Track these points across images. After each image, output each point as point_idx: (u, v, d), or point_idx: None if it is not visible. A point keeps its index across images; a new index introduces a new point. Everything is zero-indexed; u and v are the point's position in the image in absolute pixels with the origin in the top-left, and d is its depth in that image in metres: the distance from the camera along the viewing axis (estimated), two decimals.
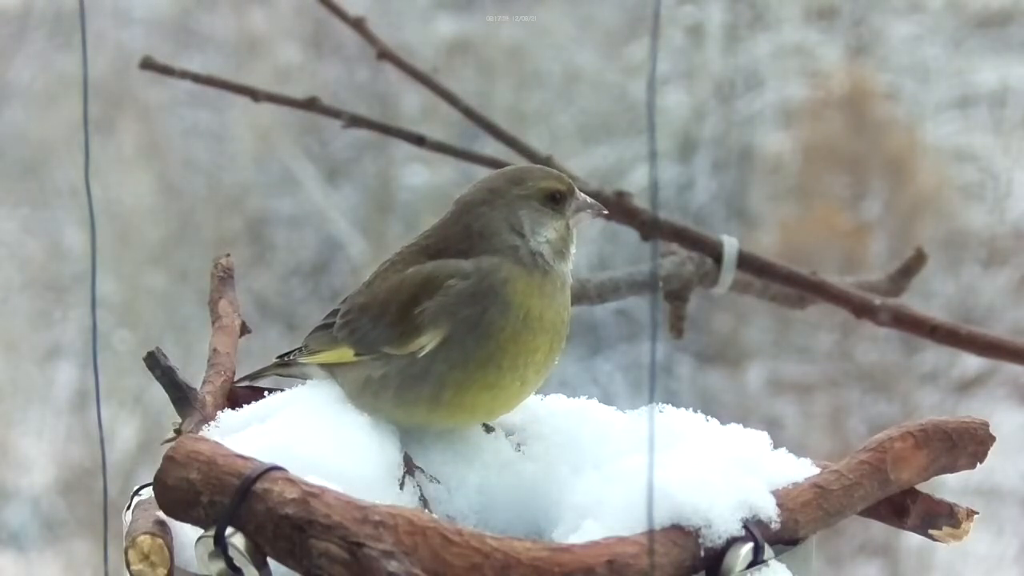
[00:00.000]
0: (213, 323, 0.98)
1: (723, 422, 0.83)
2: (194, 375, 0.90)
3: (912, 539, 2.58)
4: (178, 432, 0.85)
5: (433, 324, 0.83)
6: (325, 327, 0.92)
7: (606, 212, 0.89)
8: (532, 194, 0.86)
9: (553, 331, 0.85)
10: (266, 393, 0.89)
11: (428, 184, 3.22)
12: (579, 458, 0.83)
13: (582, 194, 0.88)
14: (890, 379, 3.01)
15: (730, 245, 1.32)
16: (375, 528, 0.64)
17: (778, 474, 0.76)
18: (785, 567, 0.72)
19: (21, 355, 3.10)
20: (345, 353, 0.88)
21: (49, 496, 2.95)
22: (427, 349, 0.84)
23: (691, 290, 1.33)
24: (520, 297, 0.84)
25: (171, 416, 0.87)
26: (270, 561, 0.66)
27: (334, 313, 0.92)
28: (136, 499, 0.77)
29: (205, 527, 0.67)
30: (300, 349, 0.93)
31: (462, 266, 0.85)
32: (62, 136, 2.98)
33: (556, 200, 0.87)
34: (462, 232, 0.87)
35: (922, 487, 0.82)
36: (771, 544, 0.71)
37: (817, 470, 0.78)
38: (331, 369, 0.90)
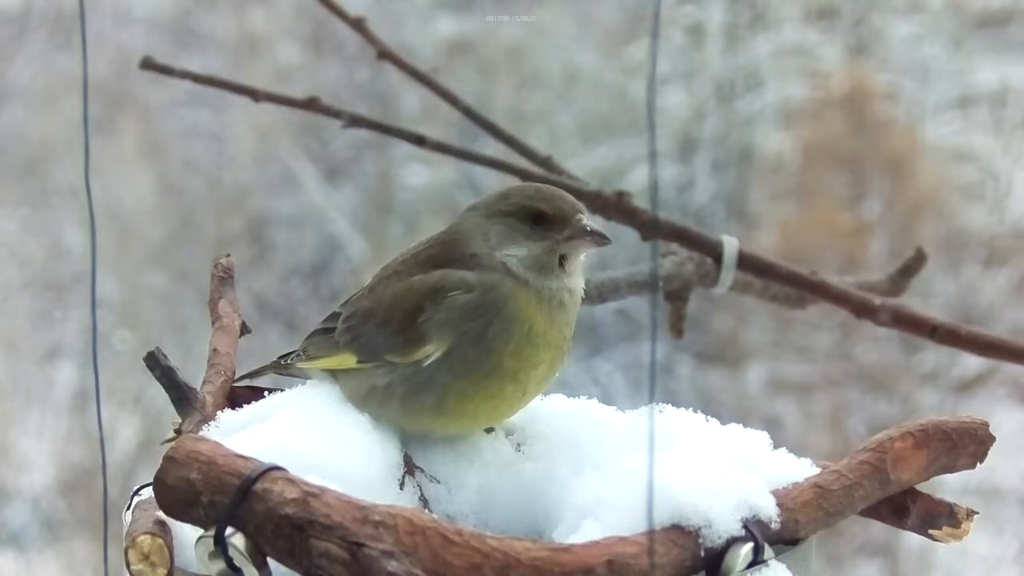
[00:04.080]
0: (213, 323, 0.98)
1: (723, 422, 0.83)
2: (194, 375, 0.90)
3: (912, 539, 2.58)
4: (178, 432, 0.85)
5: (437, 334, 0.84)
6: (325, 331, 0.91)
7: (609, 241, 0.87)
8: (513, 211, 0.86)
9: (556, 346, 0.86)
10: (266, 393, 0.89)
11: (428, 184, 3.22)
12: (579, 458, 0.83)
13: (584, 223, 0.86)
14: (890, 379, 3.01)
15: (730, 245, 1.32)
16: (375, 528, 0.64)
17: (778, 474, 0.76)
18: (785, 567, 0.72)
19: (21, 355, 3.10)
20: (347, 359, 0.88)
21: (49, 496, 2.95)
22: (431, 359, 0.84)
23: (691, 290, 1.33)
24: (523, 313, 0.84)
25: (171, 416, 0.87)
26: (270, 561, 0.66)
27: (333, 317, 0.92)
28: (136, 499, 0.77)
29: (205, 527, 0.67)
30: (298, 353, 0.93)
31: (467, 278, 0.85)
32: (62, 136, 2.98)
33: (538, 221, 0.86)
34: (452, 231, 0.88)
35: (922, 487, 0.82)
36: (771, 544, 0.72)
37: (817, 470, 0.78)
38: (333, 373, 0.90)
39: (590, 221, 0.87)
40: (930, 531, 0.82)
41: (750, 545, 0.70)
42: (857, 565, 2.83)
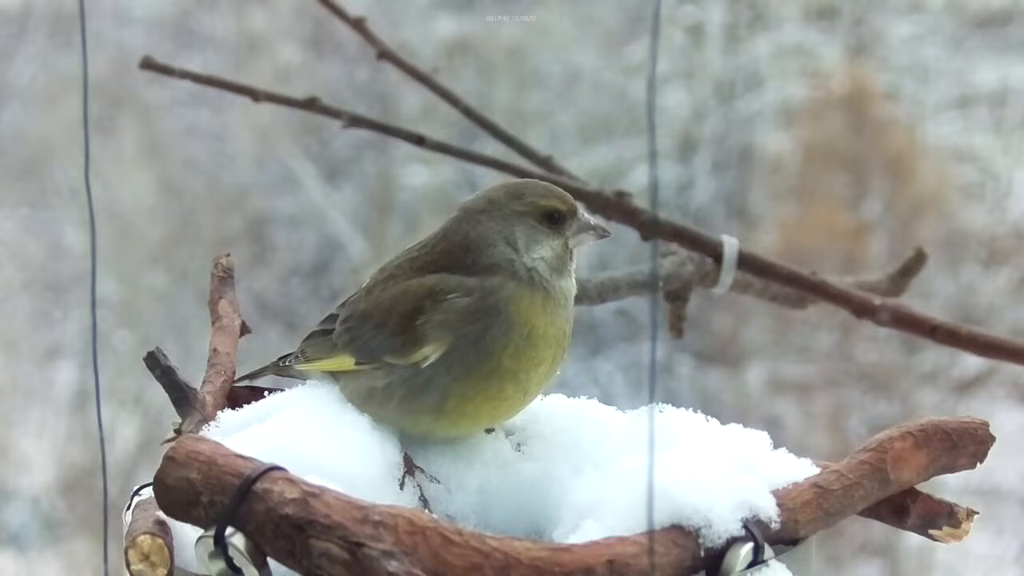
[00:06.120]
0: (213, 323, 0.98)
1: (723, 422, 0.83)
2: (194, 375, 0.90)
3: (912, 539, 2.58)
4: (178, 432, 0.85)
5: (435, 336, 0.84)
6: (323, 333, 0.91)
7: (609, 233, 0.88)
8: (529, 211, 0.86)
9: (556, 345, 0.86)
10: (266, 393, 0.89)
11: (428, 184, 3.22)
12: (579, 458, 0.83)
13: (585, 215, 0.88)
14: (890, 379, 3.01)
15: (730, 245, 1.32)
16: (375, 528, 0.64)
17: (778, 474, 0.76)
18: (785, 567, 0.72)
19: (21, 355, 3.10)
20: (345, 361, 0.88)
21: (49, 496, 2.95)
22: (429, 361, 0.84)
23: (691, 290, 1.33)
24: (524, 316, 0.84)
25: (171, 416, 0.87)
26: (270, 561, 0.66)
27: (331, 319, 0.92)
28: (136, 499, 0.77)
29: (205, 527, 0.67)
30: (296, 355, 0.93)
31: (466, 282, 0.85)
32: (62, 136, 2.98)
33: (554, 219, 0.86)
34: (462, 240, 0.87)
35: (922, 487, 0.82)
36: (771, 544, 0.72)
37: (817, 470, 0.78)
38: (332, 374, 0.90)
39: (588, 214, 0.89)
40: (930, 531, 0.82)
41: (750, 545, 0.70)
42: (857, 565, 2.83)
